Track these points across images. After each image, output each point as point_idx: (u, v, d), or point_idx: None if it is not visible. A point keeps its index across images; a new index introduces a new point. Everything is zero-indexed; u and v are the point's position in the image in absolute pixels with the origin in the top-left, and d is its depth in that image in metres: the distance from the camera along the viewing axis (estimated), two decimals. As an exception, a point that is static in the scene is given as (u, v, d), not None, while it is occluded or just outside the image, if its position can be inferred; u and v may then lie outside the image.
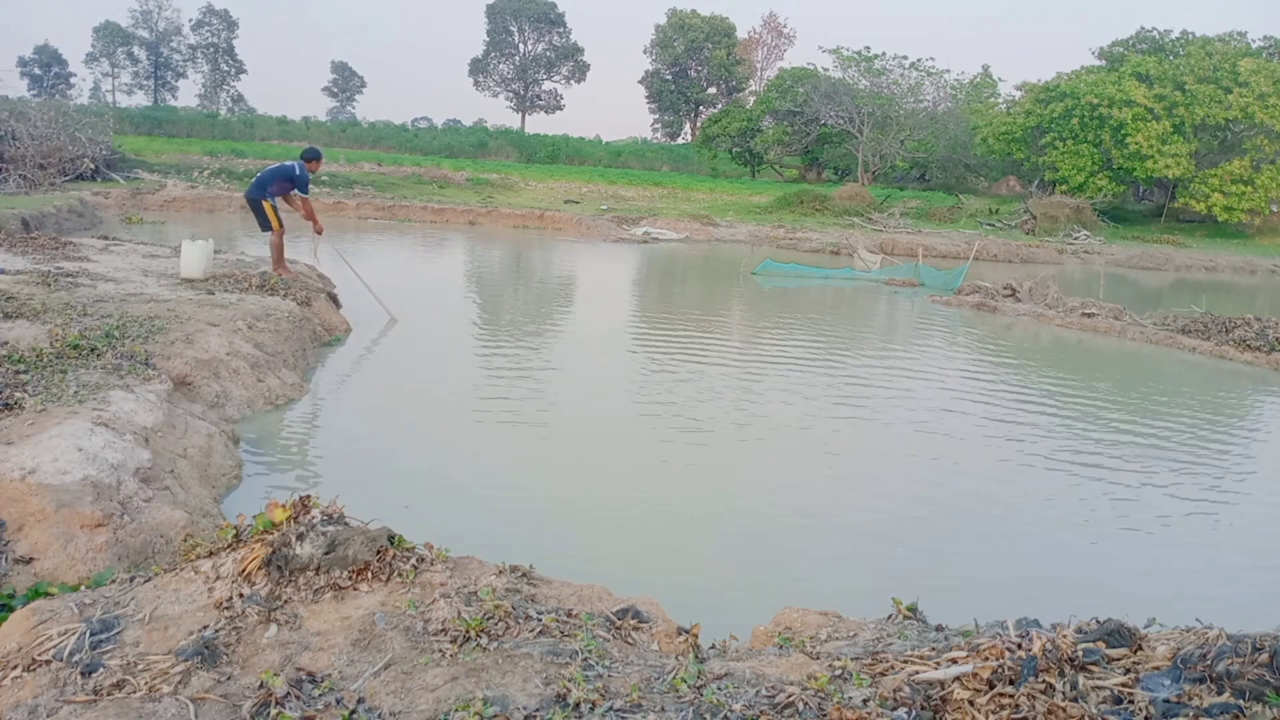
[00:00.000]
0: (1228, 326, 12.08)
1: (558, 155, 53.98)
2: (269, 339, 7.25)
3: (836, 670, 2.62)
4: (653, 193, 37.66)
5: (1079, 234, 30.49)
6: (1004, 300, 14.69)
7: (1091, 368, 10.58)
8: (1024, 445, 6.94)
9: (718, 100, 61.96)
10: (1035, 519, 5.45)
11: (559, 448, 6.24)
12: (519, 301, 13.28)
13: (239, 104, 69.44)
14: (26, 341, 5.59)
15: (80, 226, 15.95)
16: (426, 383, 7.71)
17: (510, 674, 2.54)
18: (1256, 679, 2.23)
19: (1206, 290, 20.76)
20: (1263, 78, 31.68)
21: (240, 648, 2.63)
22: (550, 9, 65.87)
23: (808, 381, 8.71)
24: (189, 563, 3.07)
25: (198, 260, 8.99)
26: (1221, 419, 8.58)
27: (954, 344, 11.84)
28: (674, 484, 5.68)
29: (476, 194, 31.45)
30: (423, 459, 5.79)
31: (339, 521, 3.10)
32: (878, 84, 43.23)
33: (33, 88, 62.52)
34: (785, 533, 5.03)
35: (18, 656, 2.55)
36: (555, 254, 20.36)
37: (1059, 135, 35.91)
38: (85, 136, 23.26)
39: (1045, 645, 2.44)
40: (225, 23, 69.08)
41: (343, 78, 79.17)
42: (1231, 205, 32.58)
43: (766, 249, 22.83)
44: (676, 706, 2.40)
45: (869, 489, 5.86)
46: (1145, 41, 38.79)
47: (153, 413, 4.81)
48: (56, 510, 3.51)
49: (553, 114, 71.72)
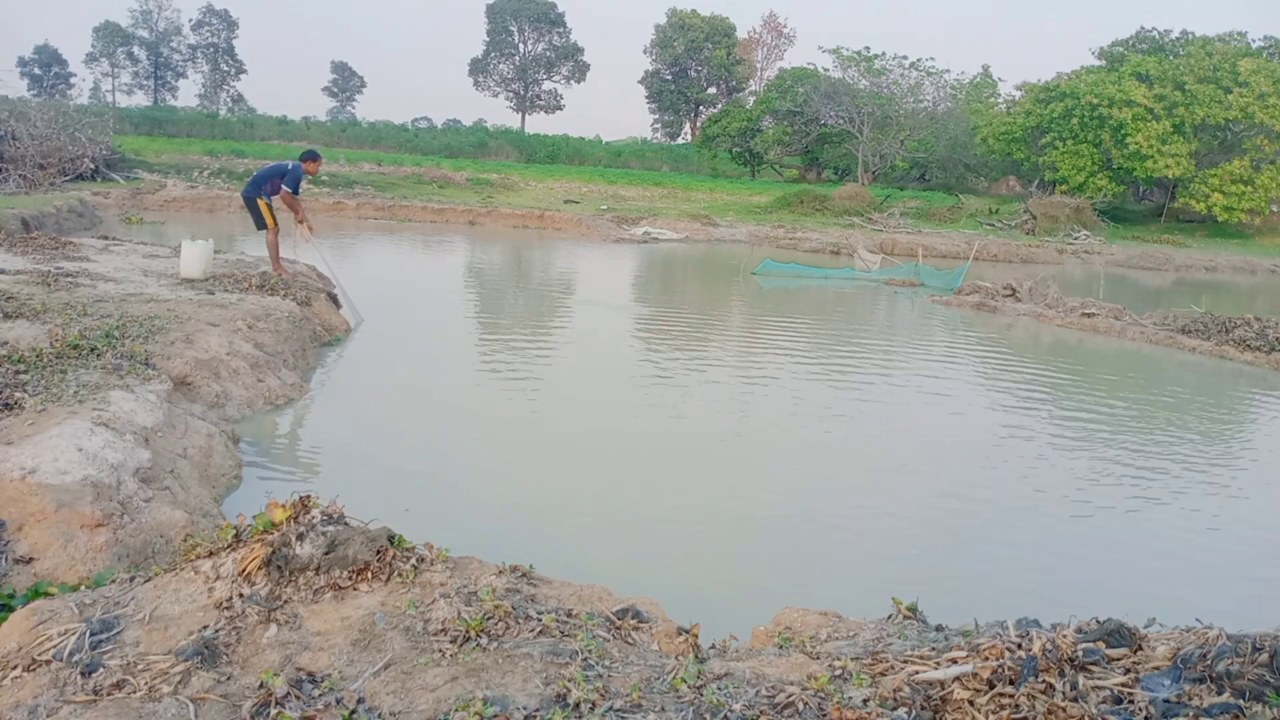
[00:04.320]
0: (1228, 326, 12.08)
1: (558, 155, 53.99)
2: (269, 339, 7.25)
3: (836, 670, 2.62)
4: (653, 193, 37.68)
5: (1079, 234, 30.49)
6: (1004, 300, 14.69)
7: (1091, 368, 10.58)
8: (1024, 445, 6.94)
9: (718, 100, 61.94)
10: (1035, 519, 5.45)
11: (559, 447, 6.23)
12: (519, 302, 13.28)
13: (239, 104, 69.44)
14: (26, 341, 5.59)
15: (80, 226, 15.95)
16: (427, 382, 7.71)
17: (510, 674, 2.54)
18: (1256, 679, 2.23)
19: (1206, 290, 20.76)
20: (1263, 78, 31.69)
21: (240, 648, 2.63)
22: (550, 9, 65.85)
23: (807, 382, 8.72)
24: (189, 563, 3.07)
25: (198, 260, 9.00)
26: (1221, 419, 8.58)
27: (953, 344, 11.83)
28: (674, 484, 5.68)
29: (476, 194, 31.46)
30: (423, 458, 5.79)
31: (339, 521, 3.10)
32: (878, 84, 43.23)
33: (33, 88, 62.48)
34: (785, 533, 5.03)
35: (18, 656, 2.54)
36: (555, 254, 20.36)
37: (1059, 135, 35.91)
38: (85, 136, 23.26)
39: (1045, 645, 2.44)
40: (225, 23, 69.06)
41: (343, 78, 79.13)
42: (1231, 205, 32.59)
43: (766, 249, 22.83)
44: (676, 706, 2.40)
45: (869, 489, 5.86)
46: (1145, 41, 38.80)
47: (153, 413, 4.81)
48: (56, 510, 3.51)
49: (553, 114, 71.83)
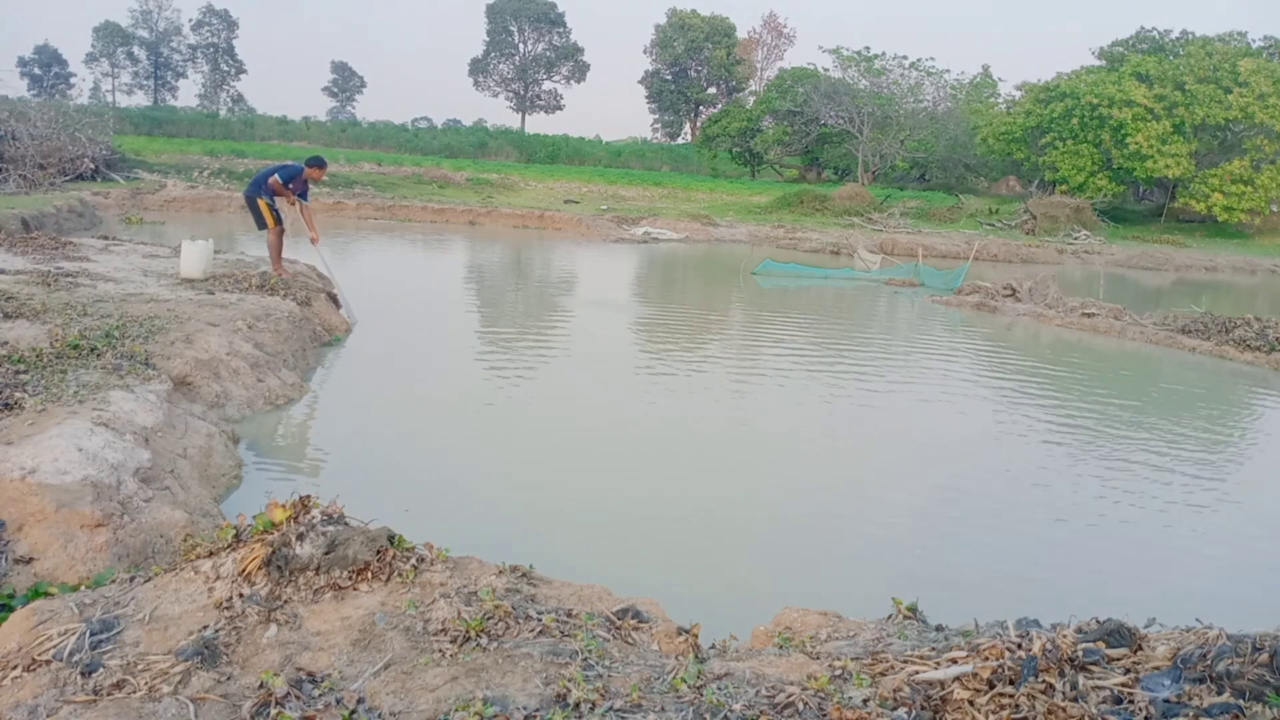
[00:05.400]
0: (1228, 326, 12.08)
1: (558, 155, 53.98)
2: (269, 339, 7.25)
3: (836, 670, 2.62)
4: (653, 193, 37.67)
5: (1079, 234, 30.49)
6: (1004, 300, 14.69)
7: (1091, 368, 10.57)
8: (1024, 445, 6.94)
9: (718, 100, 61.94)
10: (1035, 519, 5.45)
11: (559, 447, 6.23)
12: (519, 302, 13.28)
13: (239, 104, 69.45)
14: (26, 341, 5.59)
15: (80, 226, 15.95)
16: (427, 382, 7.71)
17: (510, 674, 2.54)
18: (1256, 679, 2.23)
19: (1206, 290, 20.76)
20: (1263, 78, 31.69)
21: (240, 648, 2.63)
22: (550, 9, 65.85)
23: (807, 382, 8.72)
24: (189, 563, 3.07)
25: (198, 260, 9.00)
26: (1222, 419, 8.58)
27: (954, 344, 11.83)
28: (674, 484, 5.68)
29: (476, 194, 31.46)
30: (423, 458, 5.79)
31: (339, 521, 3.10)
32: (878, 84, 43.24)
33: (33, 88, 62.50)
34: (785, 532, 5.03)
35: (18, 656, 2.54)
36: (555, 254, 20.36)
37: (1059, 135, 35.91)
38: (85, 136, 23.25)
39: (1045, 645, 2.44)
40: (225, 23, 69.09)
41: (343, 78, 79.14)
42: (1231, 205, 32.60)
43: (766, 249, 22.82)
44: (676, 706, 2.40)
45: (869, 489, 5.85)
46: (1145, 41, 38.80)
47: (153, 413, 4.81)
48: (56, 510, 3.51)
49: (553, 114, 71.85)
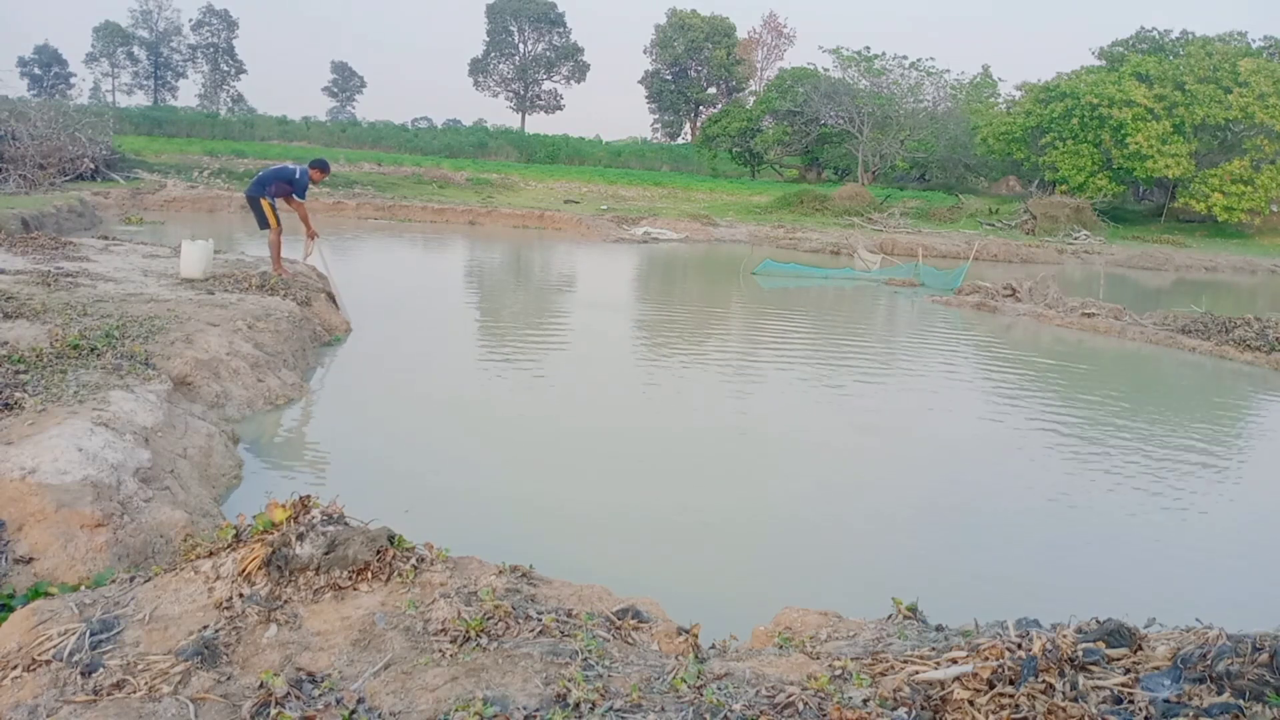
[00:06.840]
0: (1228, 326, 12.08)
1: (558, 155, 53.97)
2: (269, 339, 7.25)
3: (836, 670, 2.62)
4: (653, 193, 37.66)
5: (1079, 234, 30.48)
6: (1004, 300, 14.69)
7: (1092, 368, 10.58)
8: (1023, 445, 6.94)
9: (718, 100, 61.94)
10: (1035, 519, 5.45)
11: (559, 447, 6.23)
12: (519, 302, 13.28)
13: (239, 104, 69.45)
14: (26, 341, 5.59)
15: (80, 226, 15.94)
16: (427, 382, 7.70)
17: (510, 674, 2.54)
18: (1256, 679, 2.23)
19: (1206, 290, 20.75)
20: (1263, 78, 31.69)
21: (240, 648, 2.63)
22: (550, 9, 65.85)
23: (807, 382, 8.72)
24: (189, 563, 3.07)
25: (198, 260, 8.99)
26: (1222, 419, 8.58)
27: (954, 345, 11.83)
28: (674, 483, 5.67)
29: (476, 194, 31.46)
30: (423, 459, 5.79)
31: (339, 521, 3.10)
32: (878, 84, 43.22)
33: (33, 88, 62.51)
34: (785, 532, 5.03)
35: (18, 656, 2.54)
36: (555, 254, 20.36)
37: (1059, 135, 35.90)
38: (85, 136, 23.24)
39: (1045, 645, 2.44)
40: (225, 23, 69.10)
41: (343, 78, 79.15)
42: (1231, 205, 32.60)
43: (766, 249, 22.82)
44: (676, 706, 2.40)
45: (869, 489, 5.86)
46: (1145, 41, 38.79)
47: (153, 413, 4.81)
48: (56, 510, 3.51)
49: (553, 114, 71.83)
